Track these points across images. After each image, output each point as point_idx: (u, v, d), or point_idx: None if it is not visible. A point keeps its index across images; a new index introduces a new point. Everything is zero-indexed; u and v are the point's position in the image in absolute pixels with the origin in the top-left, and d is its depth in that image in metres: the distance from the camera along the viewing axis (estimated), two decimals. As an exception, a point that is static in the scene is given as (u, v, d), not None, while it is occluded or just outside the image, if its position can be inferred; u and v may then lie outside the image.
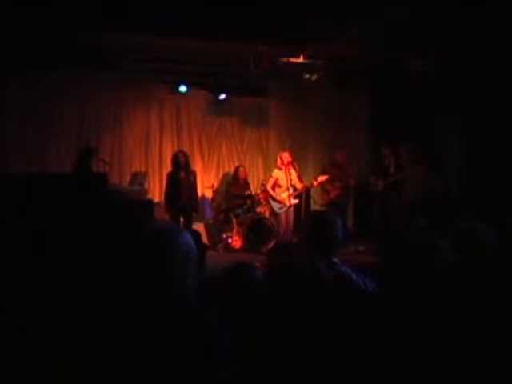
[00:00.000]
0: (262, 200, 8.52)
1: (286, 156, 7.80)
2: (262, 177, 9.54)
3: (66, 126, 8.29)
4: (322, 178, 7.90)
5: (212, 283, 2.58)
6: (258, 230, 8.01)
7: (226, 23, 6.02)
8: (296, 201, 7.83)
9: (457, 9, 5.62)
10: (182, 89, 8.80)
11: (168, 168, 7.91)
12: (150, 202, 7.03)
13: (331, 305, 2.33)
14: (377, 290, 2.65)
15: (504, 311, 2.35)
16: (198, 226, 8.39)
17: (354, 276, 2.73)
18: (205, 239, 8.35)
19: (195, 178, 7.97)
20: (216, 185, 9.10)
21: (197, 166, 9.15)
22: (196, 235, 3.19)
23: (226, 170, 9.45)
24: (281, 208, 7.83)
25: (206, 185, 9.17)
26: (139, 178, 7.68)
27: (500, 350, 2.14)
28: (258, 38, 6.59)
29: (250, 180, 9.12)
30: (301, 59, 7.71)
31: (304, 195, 7.91)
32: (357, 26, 6.18)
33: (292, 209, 7.87)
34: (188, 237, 1.82)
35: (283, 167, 7.76)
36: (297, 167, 7.85)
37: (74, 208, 4.59)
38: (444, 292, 2.31)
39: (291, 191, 7.74)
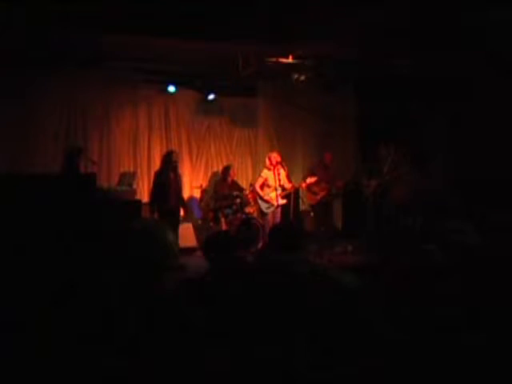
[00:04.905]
0: (250, 200, 8.53)
1: (275, 156, 7.81)
2: (250, 177, 9.57)
3: (54, 126, 8.23)
4: (310, 180, 7.94)
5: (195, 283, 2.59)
6: (246, 230, 8.01)
7: (216, 24, 6.02)
8: (284, 201, 7.84)
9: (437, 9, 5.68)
10: (171, 89, 8.79)
11: (157, 168, 7.86)
12: (139, 202, 7.01)
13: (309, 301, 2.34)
14: (359, 286, 2.65)
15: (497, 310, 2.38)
16: (187, 227, 8.39)
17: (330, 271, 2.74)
18: (193, 239, 8.34)
19: (180, 179, 7.96)
20: (204, 185, 9.10)
21: (185, 166, 9.15)
22: None
23: (215, 169, 9.45)
24: (268, 208, 7.85)
25: (194, 185, 9.16)
26: (128, 178, 7.64)
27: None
28: (246, 38, 6.59)
29: (238, 180, 9.13)
30: (289, 59, 7.74)
31: (293, 195, 7.93)
32: (343, 26, 6.21)
33: (279, 209, 7.88)
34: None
35: (272, 167, 7.77)
36: (286, 167, 7.87)
37: (62, 209, 4.56)
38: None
39: (279, 191, 7.76)
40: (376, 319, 2.22)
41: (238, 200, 8.39)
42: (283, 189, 7.82)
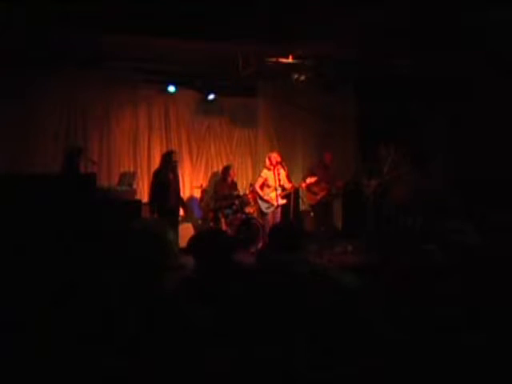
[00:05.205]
0: (250, 200, 8.53)
1: (275, 156, 7.81)
2: (250, 177, 9.57)
3: (54, 126, 8.23)
4: (310, 180, 7.95)
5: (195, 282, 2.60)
6: (246, 230, 8.01)
7: (216, 24, 6.02)
8: (284, 201, 7.85)
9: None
10: (171, 89, 8.79)
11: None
12: (139, 202, 7.01)
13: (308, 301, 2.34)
14: (359, 286, 2.65)
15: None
16: (187, 227, 8.39)
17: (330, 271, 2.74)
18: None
19: (180, 180, 7.96)
20: (205, 185, 9.10)
21: (185, 166, 9.15)
22: None
23: (215, 169, 9.45)
24: (268, 208, 7.85)
25: (194, 185, 9.16)
26: (128, 178, 7.64)
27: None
28: (246, 38, 6.59)
29: (238, 180, 9.13)
30: (289, 59, 7.74)
31: (293, 195, 7.93)
32: (343, 26, 6.21)
33: (279, 209, 7.89)
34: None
35: (272, 167, 7.77)
36: (286, 167, 7.87)
37: (62, 209, 4.56)
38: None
39: (279, 191, 7.76)
40: (376, 319, 2.22)
41: (238, 200, 8.39)
42: (283, 189, 7.83)
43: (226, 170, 8.68)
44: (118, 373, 1.64)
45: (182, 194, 8.05)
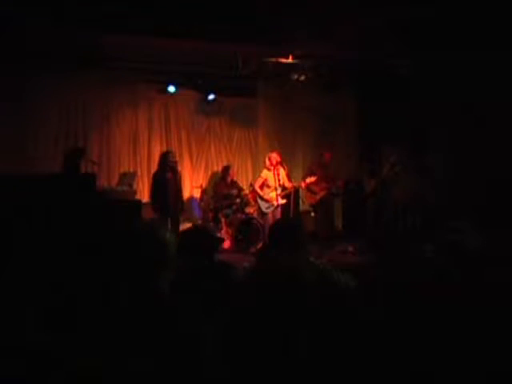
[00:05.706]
0: (250, 200, 8.53)
1: (275, 156, 7.80)
2: (250, 177, 9.57)
3: (54, 127, 8.23)
4: (310, 180, 7.93)
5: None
6: (246, 230, 8.01)
7: (216, 24, 6.03)
8: (284, 201, 7.84)
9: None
10: (171, 89, 8.79)
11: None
12: (139, 202, 7.00)
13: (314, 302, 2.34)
14: (358, 288, 2.66)
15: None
16: (187, 227, 8.39)
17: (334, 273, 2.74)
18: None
19: (180, 179, 7.94)
20: (205, 185, 9.10)
21: (185, 166, 9.15)
22: None
23: (215, 169, 9.46)
24: (268, 207, 7.85)
25: (194, 185, 9.17)
26: (128, 178, 7.64)
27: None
28: (246, 38, 6.60)
29: (238, 180, 9.13)
30: (289, 60, 7.75)
31: (293, 195, 7.93)
32: (344, 26, 6.22)
33: (279, 209, 7.88)
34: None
35: (272, 168, 7.77)
36: (285, 167, 7.87)
37: (62, 209, 4.56)
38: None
39: (279, 191, 7.76)
40: (375, 319, 2.22)
41: (238, 200, 8.39)
42: (283, 189, 7.82)
43: (226, 169, 8.69)
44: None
45: (182, 194, 8.04)
